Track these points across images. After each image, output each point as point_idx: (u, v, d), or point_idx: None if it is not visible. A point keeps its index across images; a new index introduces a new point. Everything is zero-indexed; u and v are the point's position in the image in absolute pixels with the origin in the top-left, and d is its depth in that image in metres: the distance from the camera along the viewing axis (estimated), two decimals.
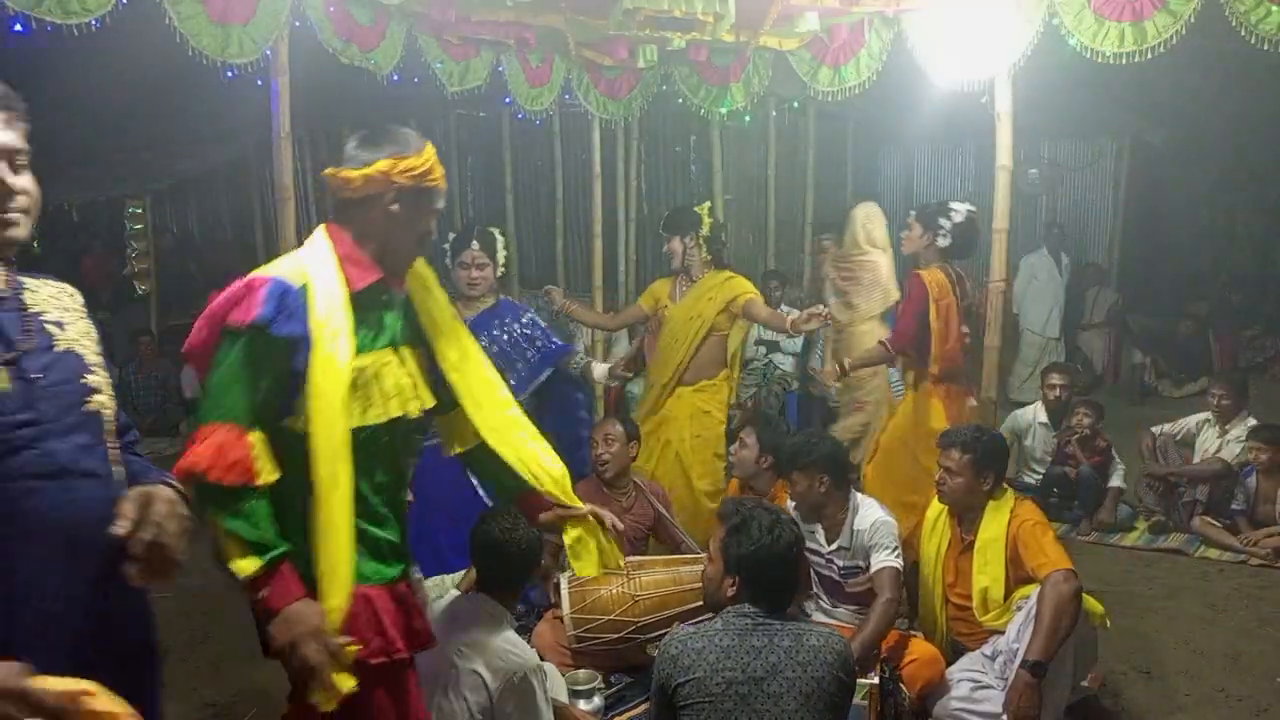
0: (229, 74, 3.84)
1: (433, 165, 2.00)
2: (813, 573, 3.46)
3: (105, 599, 1.58)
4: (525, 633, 3.27)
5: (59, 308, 1.64)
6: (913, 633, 3.34)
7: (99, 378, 1.62)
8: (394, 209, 1.96)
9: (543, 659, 2.75)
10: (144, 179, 8.32)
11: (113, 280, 9.45)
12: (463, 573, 3.28)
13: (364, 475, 1.90)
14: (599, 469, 3.80)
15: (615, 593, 3.31)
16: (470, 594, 2.62)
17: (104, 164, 9.20)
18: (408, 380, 2.01)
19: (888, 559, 3.15)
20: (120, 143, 9.25)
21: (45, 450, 1.50)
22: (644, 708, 3.07)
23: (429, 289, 2.14)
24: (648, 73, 5.65)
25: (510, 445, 2.16)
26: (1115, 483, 5.32)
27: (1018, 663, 2.79)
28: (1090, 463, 5.31)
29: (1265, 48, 3.57)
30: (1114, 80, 4.74)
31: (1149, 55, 3.79)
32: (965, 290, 4.36)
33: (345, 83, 4.88)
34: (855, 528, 3.26)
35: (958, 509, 3.28)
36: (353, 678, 1.77)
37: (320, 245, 1.96)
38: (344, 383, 1.84)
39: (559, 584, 3.38)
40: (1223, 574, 4.65)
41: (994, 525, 3.16)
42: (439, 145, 7.76)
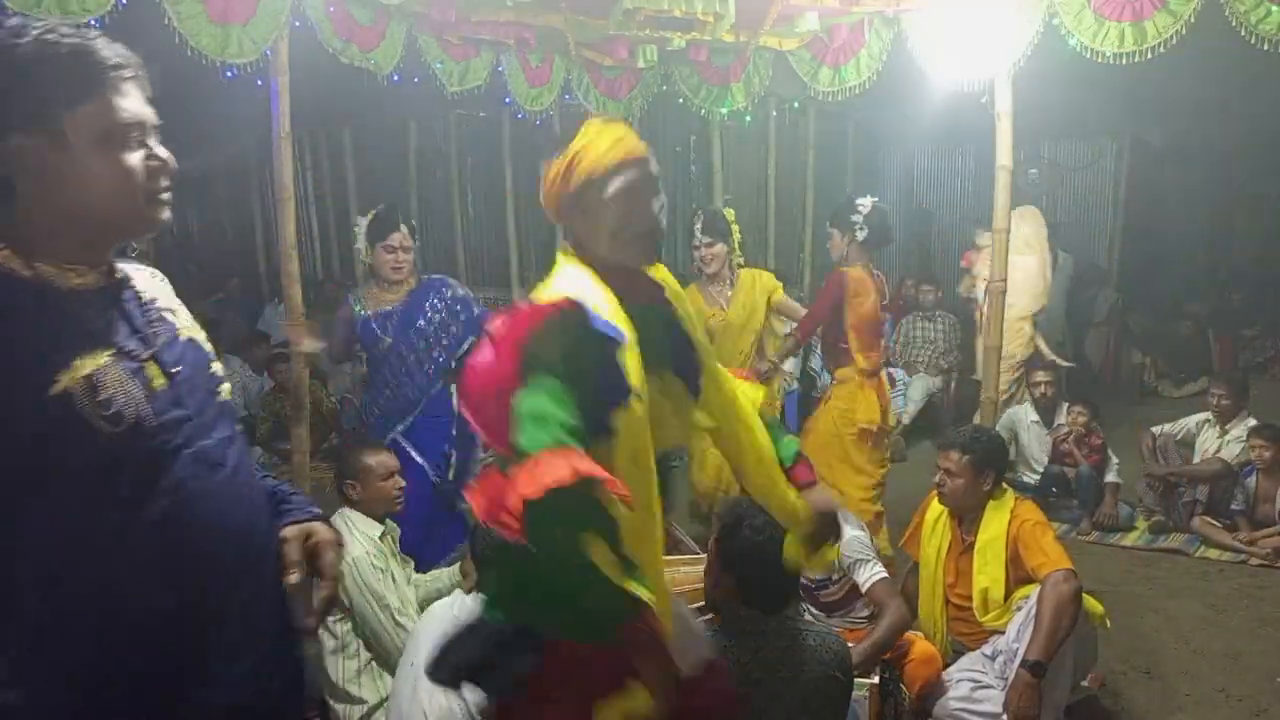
0: (229, 74, 3.84)
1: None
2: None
3: (280, 622, 1.44)
4: None
5: (163, 293, 1.48)
6: (913, 633, 3.33)
7: (220, 365, 1.49)
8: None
9: None
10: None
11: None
12: (457, 565, 3.28)
13: None
14: None
15: None
16: (471, 595, 2.62)
17: None
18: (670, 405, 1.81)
19: (873, 572, 3.13)
20: None
21: (200, 450, 1.35)
22: None
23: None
24: (648, 73, 5.65)
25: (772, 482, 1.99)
26: (1110, 478, 5.32)
27: (1017, 663, 2.79)
28: (1089, 462, 5.32)
29: (1265, 48, 3.57)
30: (1114, 80, 4.73)
31: (1149, 55, 3.79)
32: (884, 291, 4.69)
33: (345, 83, 4.88)
34: None
35: (958, 510, 3.27)
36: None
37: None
38: (646, 407, 1.65)
39: None
40: (1223, 574, 4.65)
41: (994, 526, 3.16)
42: (439, 145, 7.86)
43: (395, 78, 4.61)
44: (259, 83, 4.17)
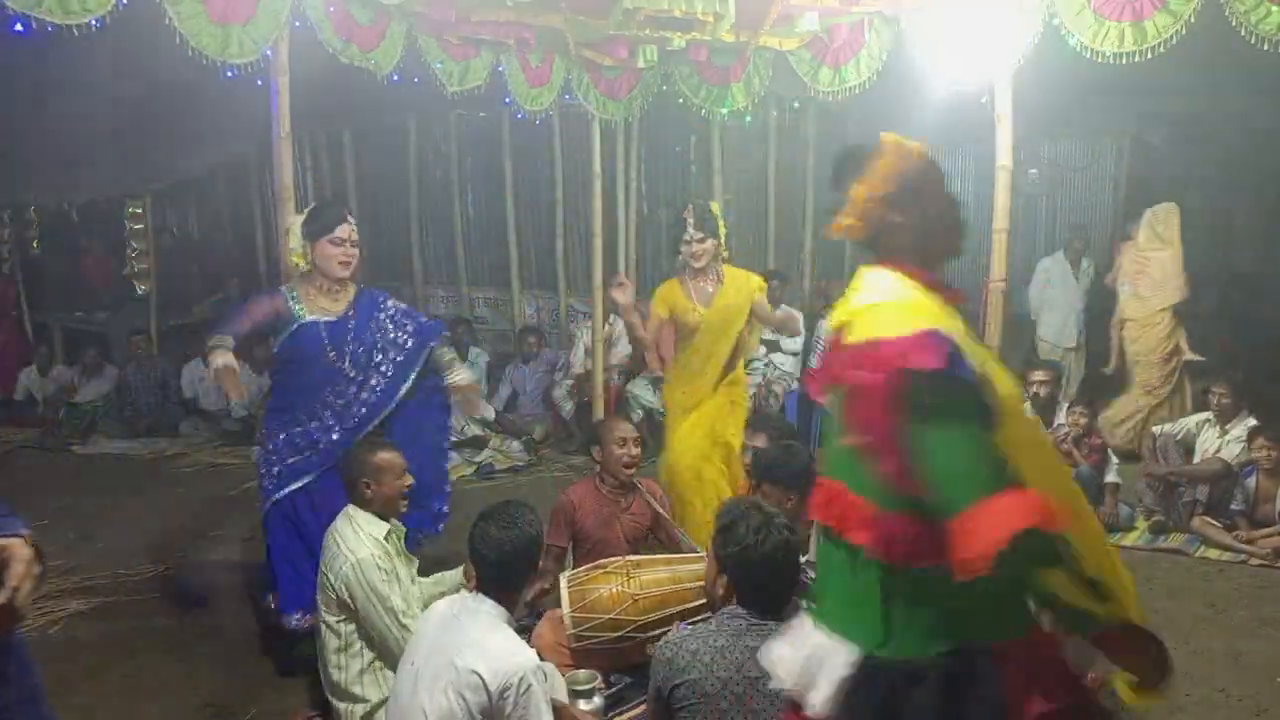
0: (229, 74, 3.84)
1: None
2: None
3: None
4: (525, 633, 3.27)
5: None
6: None
7: None
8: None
9: (542, 659, 2.74)
10: (144, 179, 8.32)
11: (113, 280, 9.45)
12: (461, 568, 3.28)
13: None
14: (623, 472, 3.73)
15: (615, 592, 3.31)
16: (471, 594, 2.62)
17: (104, 164, 9.20)
18: None
19: None
20: (120, 143, 9.25)
21: None
22: (644, 708, 3.07)
23: None
24: (648, 73, 5.65)
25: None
26: (1110, 478, 5.32)
27: None
28: (1088, 462, 5.32)
29: (1265, 48, 3.57)
30: (1114, 80, 4.73)
31: (1149, 55, 3.79)
32: None
33: (345, 83, 4.88)
34: None
35: None
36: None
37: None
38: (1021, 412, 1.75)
39: (558, 581, 3.38)
40: (1223, 574, 4.65)
41: None
42: (439, 145, 7.87)
43: (395, 78, 4.61)
44: (259, 83, 4.18)
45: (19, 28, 3.28)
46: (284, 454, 3.55)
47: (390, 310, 3.75)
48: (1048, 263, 8.23)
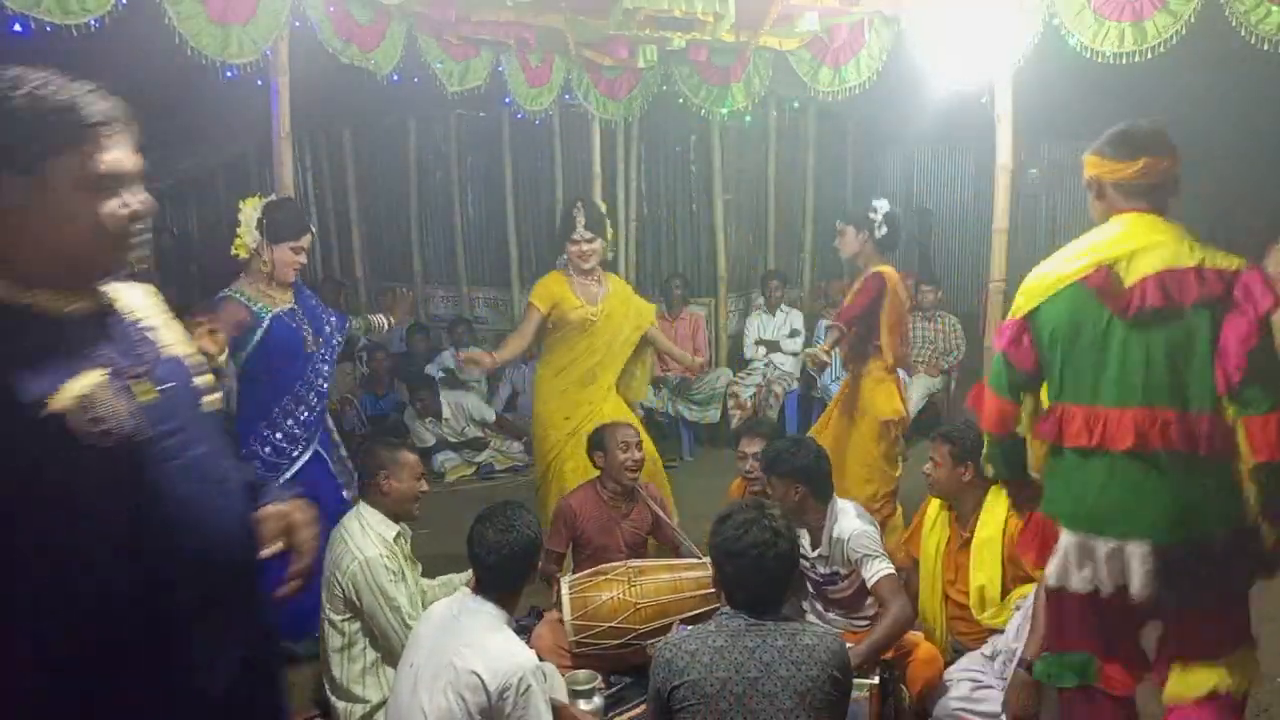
0: (229, 74, 3.84)
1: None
2: (805, 574, 3.45)
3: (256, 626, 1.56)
4: (525, 633, 3.27)
5: (153, 311, 1.58)
6: (913, 632, 3.33)
7: (205, 378, 1.59)
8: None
9: (542, 660, 2.74)
10: (144, 179, 8.31)
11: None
12: (469, 572, 3.28)
13: None
14: (626, 475, 3.71)
15: (616, 599, 3.30)
16: (470, 595, 2.62)
17: None
18: None
19: (881, 567, 3.13)
20: None
21: (190, 459, 1.45)
22: (644, 708, 3.07)
23: None
24: (648, 73, 5.65)
25: None
26: None
27: (1015, 662, 2.80)
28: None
29: (1265, 48, 3.57)
30: (1114, 80, 4.73)
31: (1149, 55, 3.79)
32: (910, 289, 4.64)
33: (345, 83, 4.88)
34: (834, 535, 3.25)
35: (947, 499, 3.30)
36: None
37: None
38: None
39: (559, 588, 3.37)
40: None
41: (991, 523, 3.16)
42: (439, 145, 7.87)
43: (395, 78, 4.61)
44: (259, 83, 4.18)
45: (18, 28, 3.28)
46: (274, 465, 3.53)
47: (327, 308, 3.83)
48: None
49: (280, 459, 3.57)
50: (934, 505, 3.41)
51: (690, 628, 2.51)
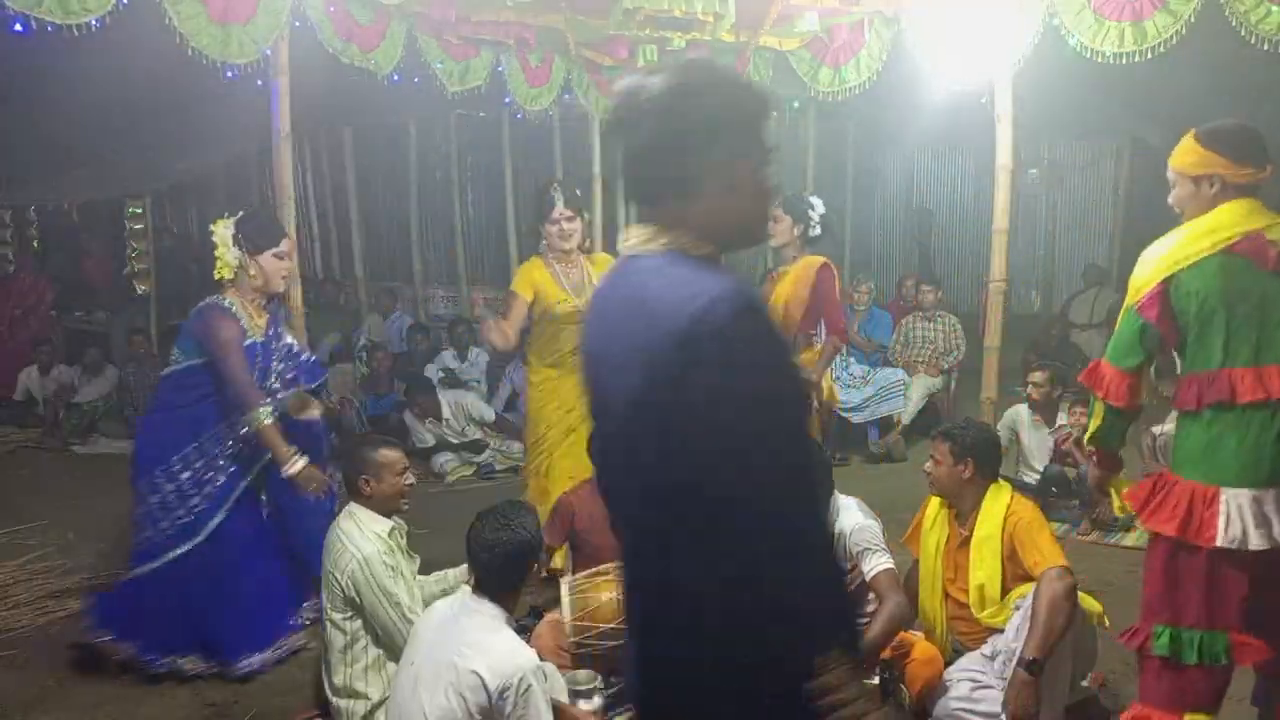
0: (229, 74, 3.84)
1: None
2: None
3: None
4: (525, 633, 3.27)
5: None
6: (913, 632, 3.33)
7: None
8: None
9: (542, 660, 2.75)
10: (144, 179, 8.33)
11: (113, 280, 9.46)
12: (464, 566, 3.29)
13: None
14: None
15: (616, 599, 3.29)
16: (470, 595, 2.62)
17: (104, 164, 9.19)
18: None
19: (880, 562, 3.13)
20: (120, 143, 9.24)
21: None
22: None
23: None
24: None
25: None
26: None
27: (1014, 662, 2.80)
28: (1089, 462, 5.31)
29: (1265, 48, 3.57)
30: (1114, 80, 4.74)
31: (1149, 55, 3.79)
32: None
33: (345, 83, 4.89)
34: (836, 531, 3.25)
35: (947, 497, 3.30)
36: None
37: None
38: None
39: (559, 587, 3.37)
40: None
41: (990, 522, 3.17)
42: (439, 145, 7.84)
43: (395, 78, 4.62)
44: (259, 83, 4.18)
45: (19, 28, 3.28)
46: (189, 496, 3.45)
47: (286, 343, 3.68)
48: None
49: (200, 495, 3.45)
50: (934, 504, 3.41)
51: None
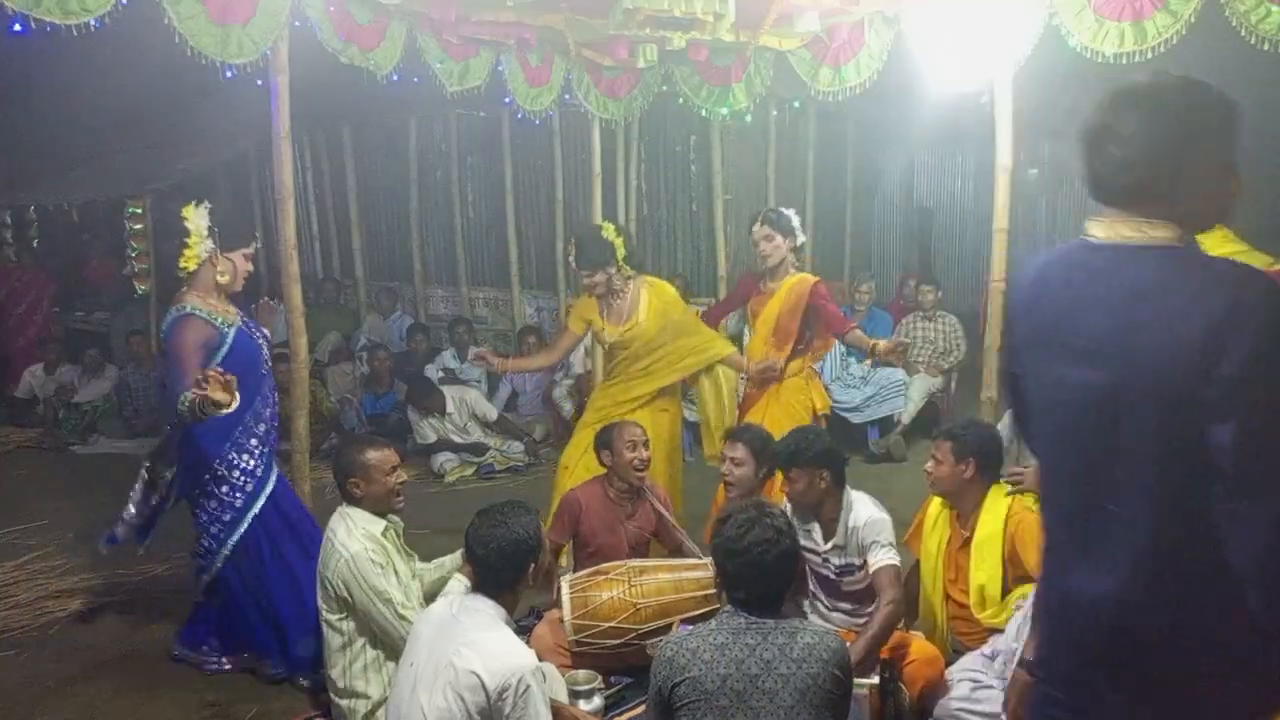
0: (229, 74, 3.84)
1: None
2: (809, 572, 3.45)
3: None
4: (525, 633, 3.27)
5: None
6: (913, 632, 3.34)
7: None
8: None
9: (542, 660, 2.74)
10: (144, 179, 8.33)
11: (115, 280, 9.46)
12: (459, 552, 3.30)
13: None
14: (634, 475, 3.71)
15: (617, 599, 3.30)
16: (469, 594, 2.62)
17: (104, 164, 9.19)
18: None
19: (886, 557, 3.14)
20: (120, 143, 9.25)
21: None
22: (644, 708, 3.07)
23: None
24: (648, 73, 5.65)
25: None
26: None
27: (1015, 662, 2.80)
28: None
29: (1265, 48, 3.57)
30: (1114, 80, 4.73)
31: (1149, 55, 3.79)
32: None
33: (345, 83, 4.88)
34: (850, 525, 3.26)
35: (948, 497, 3.30)
36: None
37: None
38: None
39: (559, 586, 3.38)
40: None
41: (991, 522, 3.17)
42: (439, 145, 7.86)
43: (395, 77, 4.61)
44: (259, 83, 4.18)
45: (18, 28, 3.28)
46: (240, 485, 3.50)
47: (263, 332, 3.77)
48: None
49: (249, 480, 3.51)
50: (935, 504, 3.41)
51: (691, 627, 2.51)
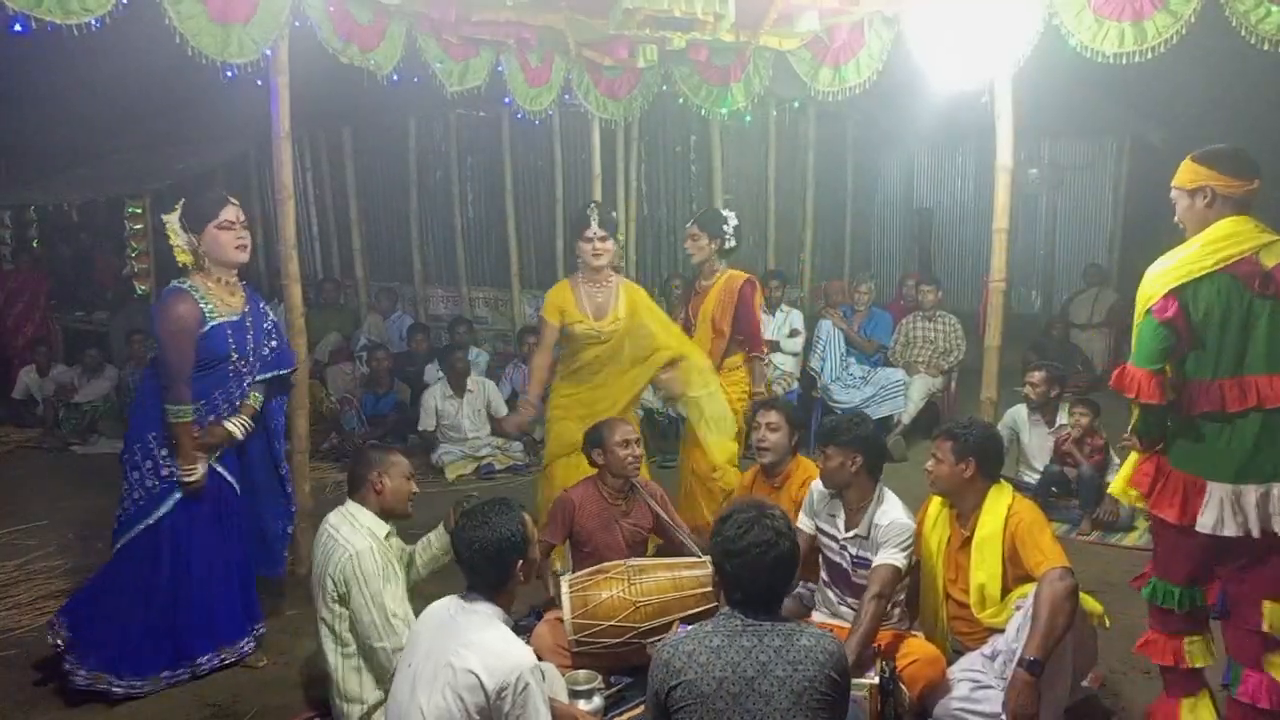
0: (229, 74, 3.84)
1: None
2: (824, 559, 3.45)
3: None
4: (524, 633, 3.27)
5: None
6: (913, 632, 3.33)
7: None
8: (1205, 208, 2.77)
9: (541, 659, 2.74)
10: (144, 179, 8.33)
11: (116, 280, 9.47)
12: (441, 524, 3.37)
13: None
14: (627, 471, 3.71)
15: (616, 598, 3.30)
16: (465, 596, 2.61)
17: (104, 164, 9.20)
18: None
19: (891, 556, 3.13)
20: (120, 143, 9.25)
21: None
22: (644, 708, 3.07)
23: None
24: (648, 73, 5.65)
25: None
26: (1111, 478, 5.30)
27: (1014, 662, 2.80)
28: (1090, 462, 5.31)
29: (1265, 48, 3.57)
30: (1114, 80, 4.75)
31: (1149, 55, 3.79)
32: None
33: (345, 83, 4.89)
34: (875, 521, 3.25)
35: (948, 496, 3.30)
36: None
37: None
38: None
39: (559, 586, 3.38)
40: None
41: (991, 522, 3.16)
42: (439, 145, 7.86)
43: (395, 78, 4.61)
44: (259, 83, 4.18)
45: (18, 28, 3.28)
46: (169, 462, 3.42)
47: (269, 317, 3.69)
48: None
49: (157, 482, 3.41)
50: (935, 504, 3.41)
51: (690, 627, 2.50)
